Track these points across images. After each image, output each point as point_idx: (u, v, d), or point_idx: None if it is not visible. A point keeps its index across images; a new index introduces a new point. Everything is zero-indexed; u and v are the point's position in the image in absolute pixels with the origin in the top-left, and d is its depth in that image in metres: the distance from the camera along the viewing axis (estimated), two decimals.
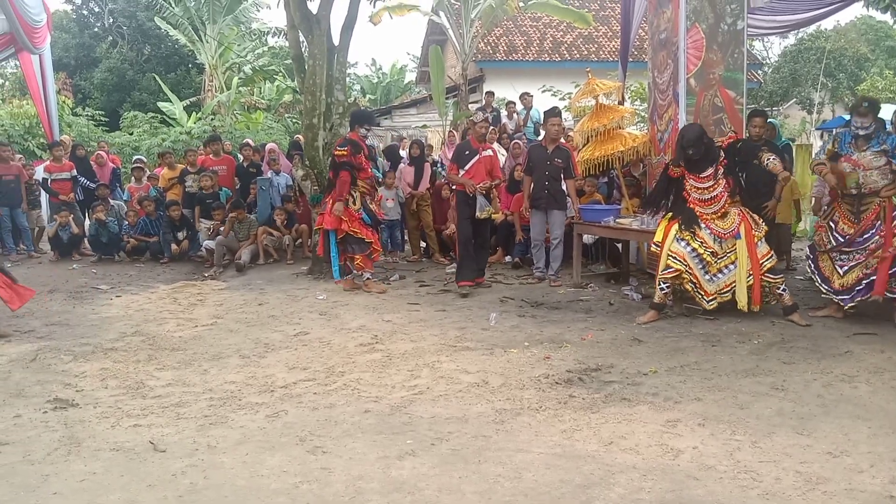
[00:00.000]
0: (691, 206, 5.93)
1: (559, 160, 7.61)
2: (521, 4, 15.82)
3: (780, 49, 32.35)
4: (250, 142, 11.75)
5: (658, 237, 6.02)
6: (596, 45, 21.56)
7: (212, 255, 9.39)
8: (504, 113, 13.04)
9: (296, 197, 9.98)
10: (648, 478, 3.26)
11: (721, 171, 5.85)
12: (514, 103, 13.29)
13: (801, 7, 9.02)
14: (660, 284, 6.00)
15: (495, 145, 10.63)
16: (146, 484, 3.27)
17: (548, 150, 7.68)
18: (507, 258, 9.16)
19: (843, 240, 5.79)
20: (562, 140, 7.85)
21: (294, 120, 19.60)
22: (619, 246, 8.29)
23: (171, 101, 21.72)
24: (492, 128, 10.94)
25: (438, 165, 10.90)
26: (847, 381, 4.48)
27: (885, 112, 13.14)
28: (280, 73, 24.35)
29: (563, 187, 7.68)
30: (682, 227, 5.88)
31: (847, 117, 12.64)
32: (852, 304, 5.76)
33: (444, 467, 3.39)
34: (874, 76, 27.23)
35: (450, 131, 12.27)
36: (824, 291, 6.01)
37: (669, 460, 3.44)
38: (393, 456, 3.52)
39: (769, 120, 8.36)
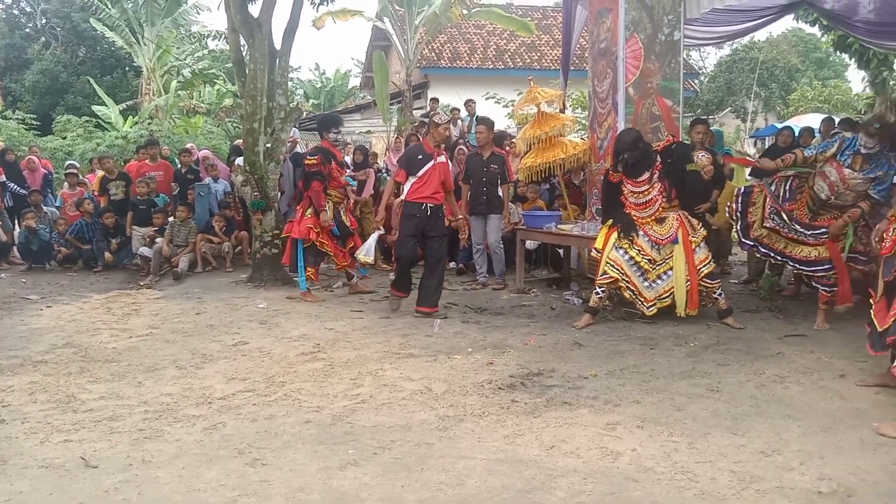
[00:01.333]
0: (628, 211, 6.03)
1: (495, 166, 7.80)
2: (465, 12, 15.91)
3: (716, 59, 33.37)
4: (191, 147, 11.48)
5: (599, 244, 6.11)
6: (538, 54, 21.84)
7: (147, 264, 9.15)
8: None
9: (235, 203, 9.81)
10: (589, 481, 3.30)
11: (656, 175, 5.95)
12: (459, 110, 13.34)
13: (736, 19, 9.30)
14: (596, 290, 6.10)
15: None
16: (77, 502, 3.15)
17: (483, 156, 7.82)
18: (452, 264, 9.16)
19: (787, 215, 5.94)
20: (511, 148, 7.94)
21: (235, 124, 19.27)
22: (561, 251, 8.39)
23: (106, 105, 21.12)
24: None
25: (384, 172, 10.85)
26: (779, 382, 4.62)
27: (815, 121, 13.66)
28: (220, 77, 23.92)
29: (500, 192, 7.80)
30: (621, 234, 5.98)
31: (778, 125, 13.03)
32: (749, 250, 6.34)
33: (387, 476, 3.37)
34: (804, 86, 28.29)
35: (395, 137, 12.24)
36: (737, 232, 6.30)
37: (609, 463, 3.49)
38: (334, 466, 3.48)
39: (713, 128, 8.61)
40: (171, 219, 9.49)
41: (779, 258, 6.07)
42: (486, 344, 5.64)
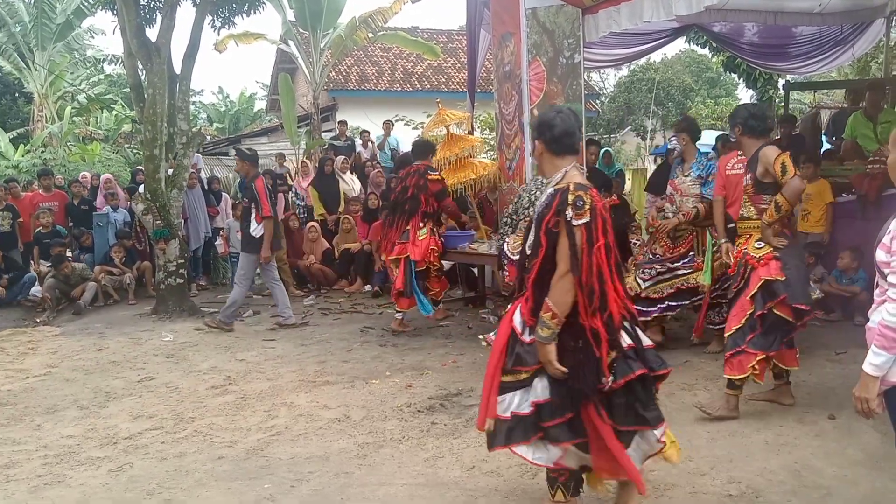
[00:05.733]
0: None
1: (246, 199, 7.34)
2: (371, 35, 15.93)
3: (616, 80, 34.60)
4: (82, 177, 10.96)
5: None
6: (446, 76, 22.11)
7: (45, 300, 8.65)
8: (359, 142, 13.03)
9: (137, 232, 9.43)
10: (510, 500, 3.32)
11: None
12: (368, 132, 13.33)
13: (632, 41, 9.71)
14: None
15: (348, 174, 10.64)
16: None
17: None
18: (367, 287, 9.10)
19: (652, 257, 5.86)
20: None
21: (135, 151, 18.59)
22: (475, 270, 8.46)
23: None
24: (344, 157, 10.91)
25: (293, 195, 10.71)
26: (687, 390, 4.78)
27: (709, 137, 14.37)
28: (118, 102, 23.07)
29: (252, 230, 7.18)
30: None
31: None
32: (649, 318, 5.58)
33: None
34: (698, 104, 29.73)
35: (302, 161, 12.09)
36: None
37: (528, 480, 3.51)
38: (250, 502, 3.37)
39: (605, 149, 8.94)
40: (69, 251, 9.03)
41: (675, 303, 5.71)
42: (404, 367, 5.61)
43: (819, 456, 3.67)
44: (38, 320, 8.10)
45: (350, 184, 10.51)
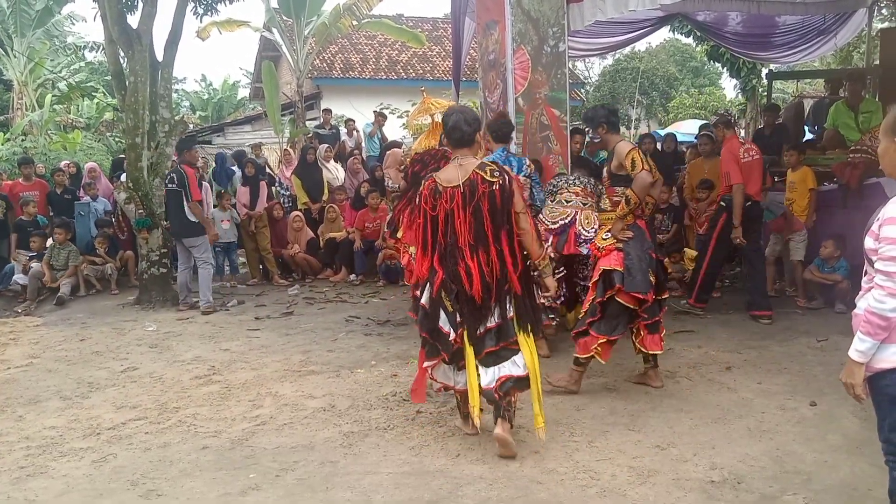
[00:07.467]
0: None
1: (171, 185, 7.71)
2: (355, 23, 15.81)
3: (600, 69, 34.62)
4: (64, 165, 10.82)
5: None
6: (431, 65, 22.01)
7: (26, 290, 8.56)
8: (343, 130, 12.96)
9: (119, 222, 9.33)
10: (495, 487, 3.33)
11: None
12: (353, 121, 13.26)
13: (617, 30, 9.72)
14: None
15: (332, 163, 10.60)
16: None
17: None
18: (352, 276, 9.07)
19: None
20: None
21: (117, 139, 18.39)
22: None
23: None
24: (327, 146, 10.86)
25: (277, 184, 10.64)
26: (670, 377, 4.82)
27: (693, 127, 14.38)
28: (100, 90, 22.79)
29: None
30: None
31: (662, 132, 13.63)
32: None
33: (290, 499, 3.29)
34: (682, 94, 29.82)
35: (286, 149, 12.02)
36: None
37: (514, 468, 3.53)
38: (235, 492, 3.36)
39: (589, 138, 8.96)
40: (49, 241, 8.93)
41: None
42: (389, 356, 5.61)
43: (800, 442, 3.72)
44: (17, 310, 8.01)
45: (334, 172, 10.46)
